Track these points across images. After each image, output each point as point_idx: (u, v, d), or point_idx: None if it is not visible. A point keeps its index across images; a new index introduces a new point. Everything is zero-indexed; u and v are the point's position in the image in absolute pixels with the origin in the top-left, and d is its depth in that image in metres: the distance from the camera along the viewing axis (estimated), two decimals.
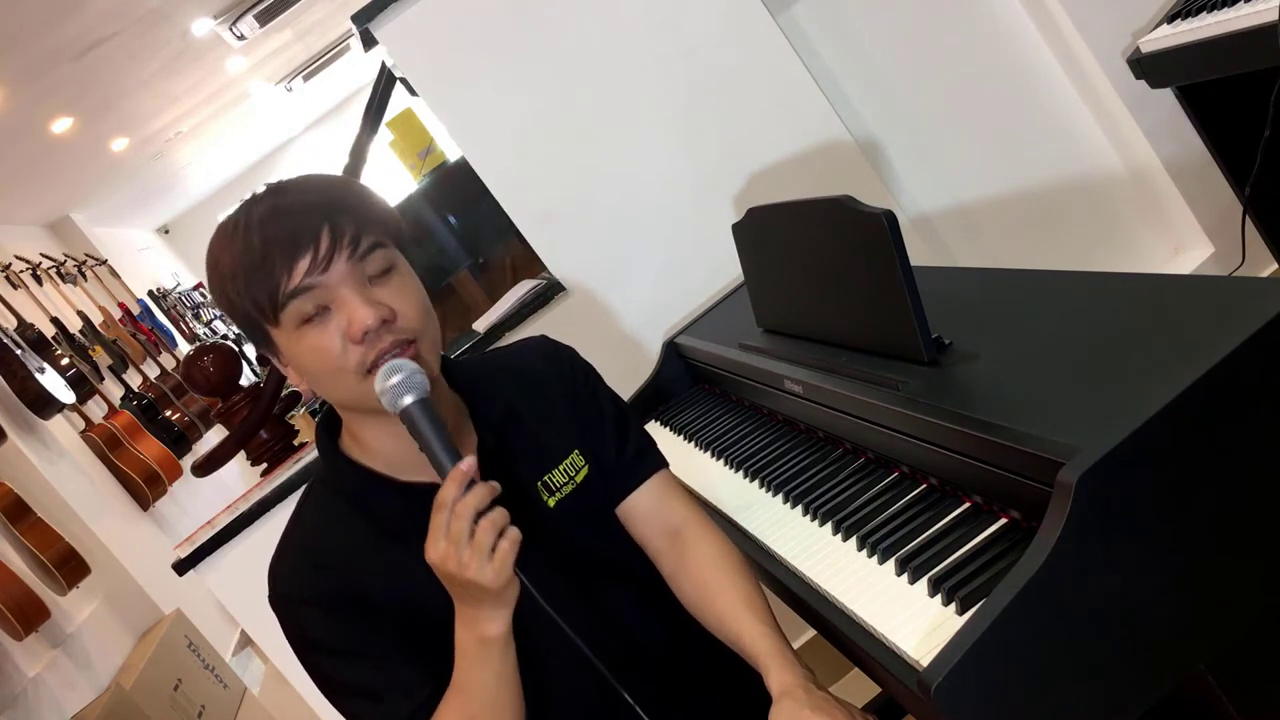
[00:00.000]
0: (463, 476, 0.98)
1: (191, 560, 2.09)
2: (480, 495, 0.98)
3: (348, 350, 1.02)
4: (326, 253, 1.01)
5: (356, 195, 1.07)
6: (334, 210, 1.03)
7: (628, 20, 2.16)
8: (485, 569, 0.97)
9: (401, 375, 1.00)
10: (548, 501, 1.17)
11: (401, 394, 1.00)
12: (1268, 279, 0.94)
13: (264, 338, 1.07)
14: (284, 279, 1.01)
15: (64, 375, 4.36)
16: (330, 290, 1.02)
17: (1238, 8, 1.65)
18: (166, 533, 4.89)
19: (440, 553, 0.98)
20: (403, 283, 1.06)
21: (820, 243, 1.40)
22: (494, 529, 0.98)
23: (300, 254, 1.00)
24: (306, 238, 1.01)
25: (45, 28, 3.66)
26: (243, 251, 1.02)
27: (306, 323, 1.02)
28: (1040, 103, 2.33)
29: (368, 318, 1.01)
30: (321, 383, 1.06)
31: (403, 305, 1.04)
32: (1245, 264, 2.02)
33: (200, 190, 9.26)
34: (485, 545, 0.97)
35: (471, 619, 1.04)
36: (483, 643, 1.04)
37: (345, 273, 1.02)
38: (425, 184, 3.13)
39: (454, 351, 2.32)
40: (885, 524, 1.14)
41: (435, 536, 0.99)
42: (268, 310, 1.02)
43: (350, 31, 3.29)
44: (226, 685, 4.09)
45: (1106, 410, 0.90)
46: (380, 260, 1.04)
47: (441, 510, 0.98)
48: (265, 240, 1.01)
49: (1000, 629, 0.82)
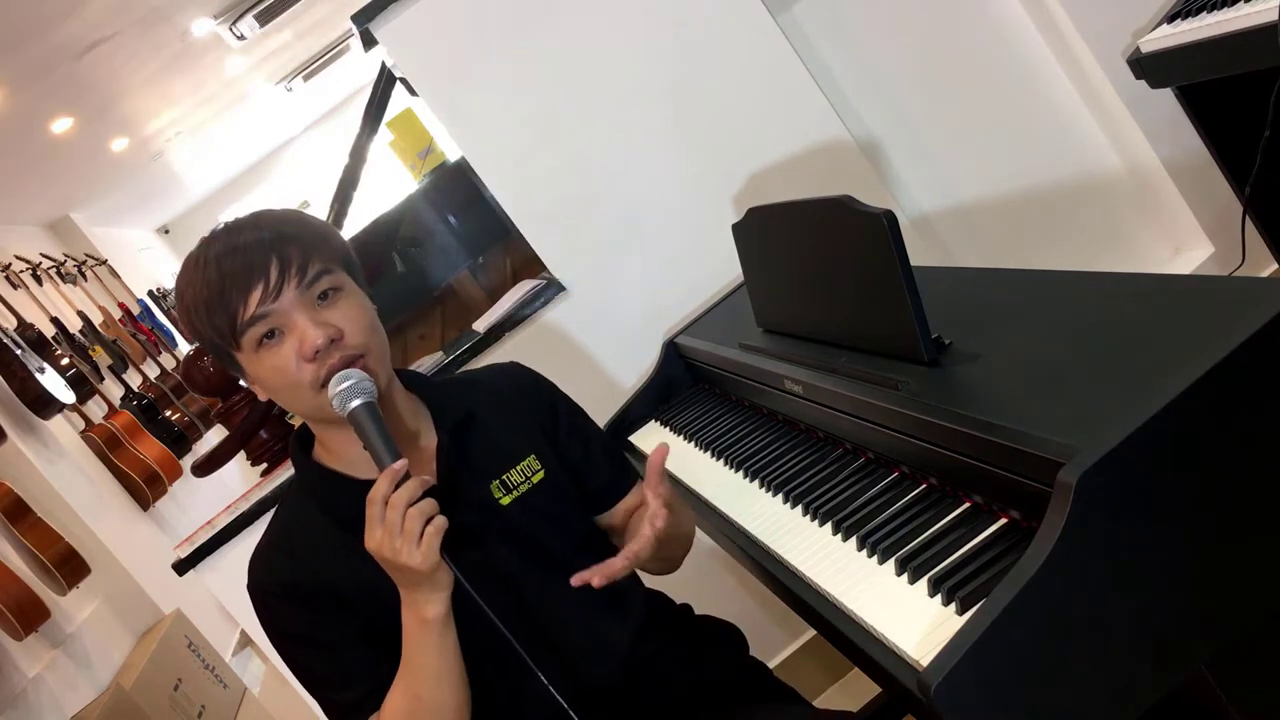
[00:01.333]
0: (394, 474, 1.10)
1: (191, 560, 2.09)
2: (411, 489, 1.09)
3: (301, 368, 1.15)
4: (276, 283, 1.14)
5: (303, 227, 1.20)
6: (282, 242, 1.16)
7: (628, 20, 2.16)
8: (414, 553, 1.08)
9: (350, 382, 1.13)
10: (501, 499, 1.27)
11: (350, 398, 1.13)
12: (1268, 279, 0.94)
13: (230, 360, 1.20)
14: (240, 309, 1.14)
15: (64, 375, 4.36)
16: (282, 315, 1.15)
17: (1238, 8, 1.65)
18: (166, 533, 4.89)
19: (376, 540, 1.09)
20: (349, 303, 1.19)
21: (820, 243, 1.40)
22: (421, 517, 1.09)
23: (253, 285, 1.14)
24: (258, 270, 1.14)
25: (45, 28, 3.66)
26: (203, 286, 1.15)
27: (263, 345, 1.15)
28: (1040, 103, 2.33)
29: (316, 338, 1.13)
30: (282, 397, 1.20)
31: (349, 324, 1.17)
32: (1245, 264, 2.02)
33: (200, 190, 9.26)
34: (414, 531, 1.08)
35: (411, 602, 1.15)
36: (423, 624, 1.14)
37: (294, 299, 1.15)
38: (425, 184, 3.13)
39: (454, 351, 2.32)
40: (885, 524, 1.14)
41: (372, 526, 1.10)
42: (229, 337, 1.16)
43: (350, 31, 3.29)
44: (226, 685, 4.09)
45: (1106, 410, 0.90)
46: (326, 284, 1.17)
47: (374, 504, 1.09)
48: (222, 275, 1.14)
49: (1000, 629, 0.82)
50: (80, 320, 5.39)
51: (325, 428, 1.24)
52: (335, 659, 1.21)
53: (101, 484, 4.56)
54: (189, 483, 5.09)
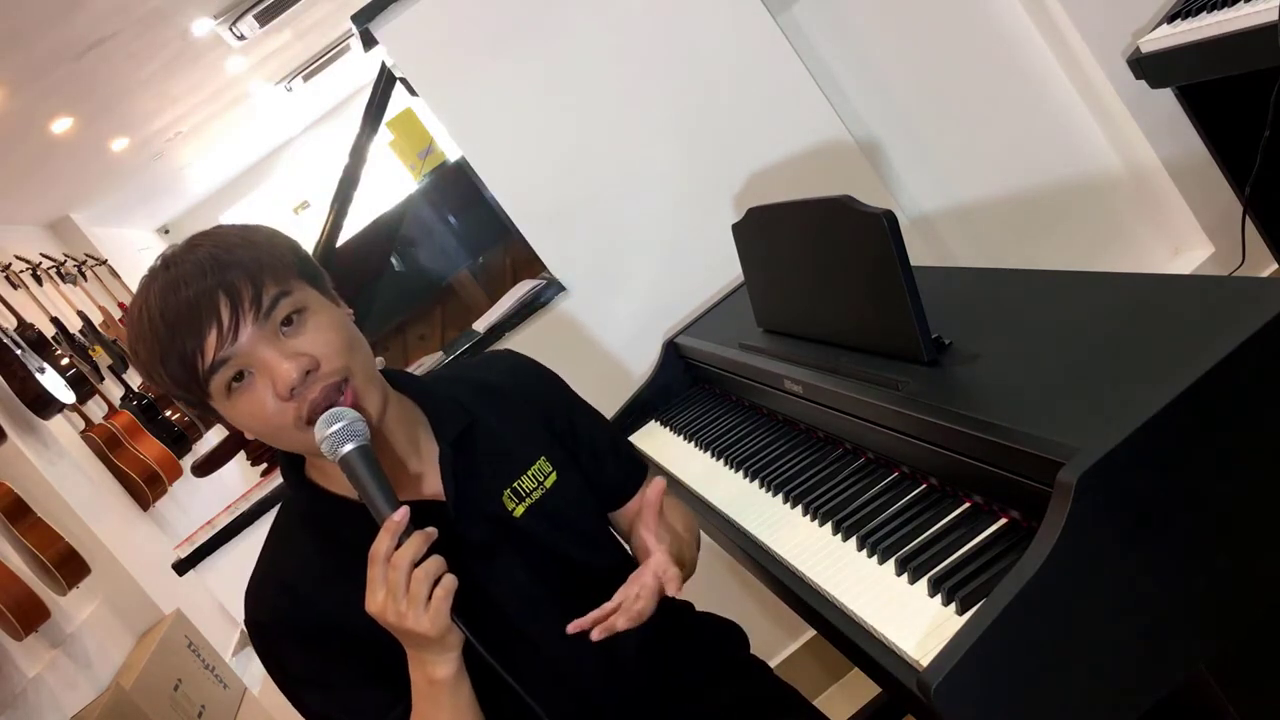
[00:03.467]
0: (396, 527, 0.99)
1: (191, 560, 2.09)
2: (415, 546, 0.99)
3: (281, 408, 1.02)
4: (230, 322, 1.00)
5: (246, 248, 1.04)
6: (224, 272, 1.01)
7: (628, 20, 2.16)
8: (421, 618, 0.99)
9: (339, 425, 1.01)
10: (514, 511, 1.17)
11: (340, 444, 1.01)
12: (1268, 279, 0.94)
13: (205, 408, 1.07)
14: (197, 358, 1.00)
15: (64, 375, 4.36)
16: (246, 355, 1.01)
17: (1238, 8, 1.65)
18: (166, 533, 4.88)
19: (379, 604, 1.00)
20: (318, 322, 1.05)
21: (820, 243, 1.40)
22: (428, 579, 0.99)
23: (205, 331, 1.00)
24: (207, 311, 1.00)
25: (45, 28, 3.65)
26: (151, 339, 1.01)
27: (234, 389, 1.03)
28: (1040, 103, 2.33)
29: (289, 373, 1.00)
30: (267, 439, 1.07)
31: (322, 348, 1.03)
32: (1245, 264, 2.02)
33: (200, 190, 9.25)
34: (420, 596, 0.98)
35: (419, 661, 1.06)
36: (432, 684, 1.06)
37: (254, 335, 1.01)
38: (425, 184, 3.13)
39: (454, 351, 2.32)
40: (885, 524, 1.14)
41: (373, 588, 1.00)
42: (194, 388, 1.03)
43: (350, 31, 3.29)
44: (226, 685, 4.08)
45: (1106, 410, 0.90)
46: (287, 307, 1.03)
47: (375, 563, 0.99)
48: (167, 324, 1.00)
49: (1000, 629, 0.82)
50: (80, 320, 5.38)
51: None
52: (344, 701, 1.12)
53: (101, 484, 4.56)
54: (189, 483, 5.08)
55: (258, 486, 2.22)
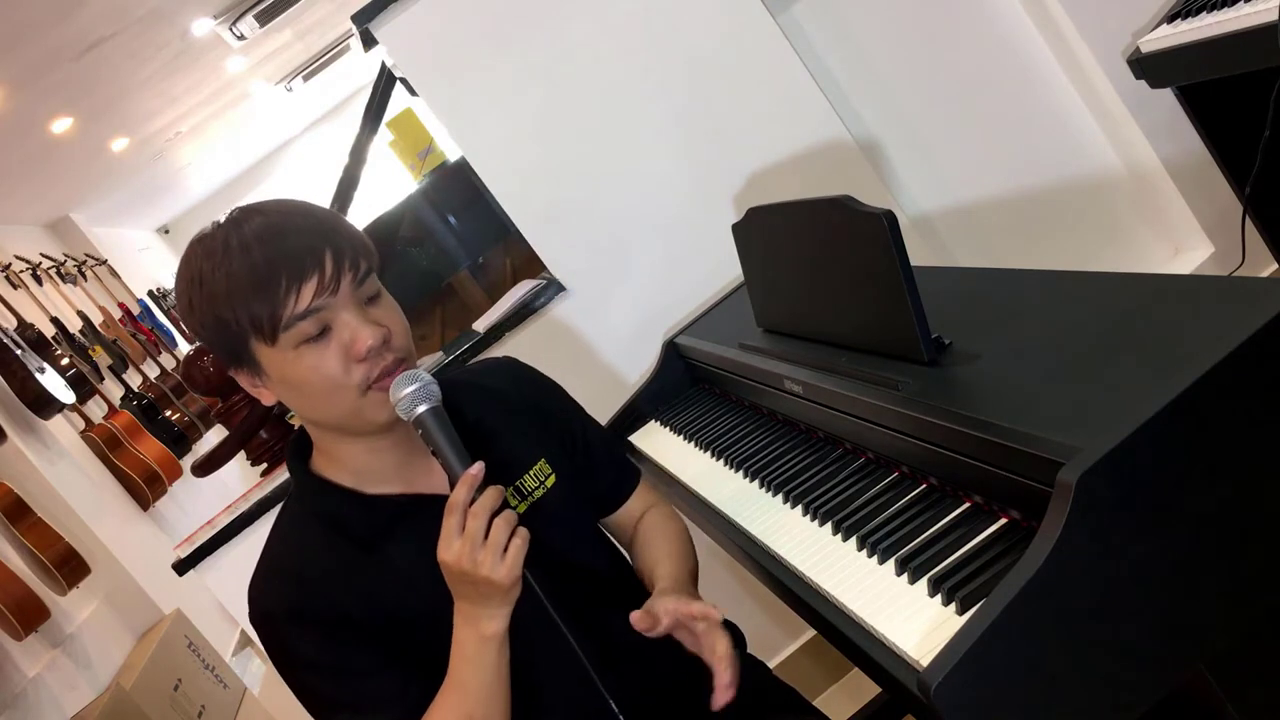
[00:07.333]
0: (473, 480, 1.03)
1: (191, 560, 2.09)
2: (494, 496, 1.03)
3: (350, 369, 1.06)
4: (333, 276, 1.05)
5: (345, 223, 1.12)
6: (332, 235, 1.07)
7: (628, 20, 2.16)
8: (499, 566, 1.02)
9: (418, 385, 1.06)
10: (518, 507, 1.20)
11: (417, 402, 1.06)
12: (1268, 279, 0.94)
13: (247, 357, 1.08)
14: (291, 300, 1.03)
15: (64, 375, 4.36)
16: (334, 312, 1.06)
17: (1238, 8, 1.65)
18: (166, 533, 4.89)
19: (455, 552, 1.02)
20: (391, 305, 1.12)
21: (820, 243, 1.40)
22: (508, 527, 1.03)
23: (308, 276, 1.04)
24: (312, 260, 1.04)
25: (45, 28, 3.66)
26: (242, 270, 1.03)
27: (306, 343, 1.06)
28: (1040, 103, 2.33)
29: (370, 337, 1.05)
30: (315, 400, 1.09)
31: (396, 327, 1.10)
32: (1245, 264, 2.02)
33: (200, 190, 9.27)
34: (499, 543, 1.02)
35: (473, 616, 1.07)
36: (482, 640, 1.08)
37: (348, 295, 1.06)
38: (425, 184, 3.13)
39: (454, 351, 2.32)
40: (885, 524, 1.14)
41: (449, 537, 1.03)
42: (266, 330, 1.05)
43: (350, 31, 3.30)
44: (226, 685, 4.08)
45: (1106, 410, 0.90)
46: (372, 285, 1.10)
47: (454, 512, 1.02)
48: (269, 259, 1.03)
49: (1000, 629, 0.82)
50: (80, 320, 5.39)
51: (336, 437, 1.15)
52: (355, 688, 1.12)
53: (101, 484, 4.56)
54: (189, 483, 5.09)
55: (258, 486, 2.22)
